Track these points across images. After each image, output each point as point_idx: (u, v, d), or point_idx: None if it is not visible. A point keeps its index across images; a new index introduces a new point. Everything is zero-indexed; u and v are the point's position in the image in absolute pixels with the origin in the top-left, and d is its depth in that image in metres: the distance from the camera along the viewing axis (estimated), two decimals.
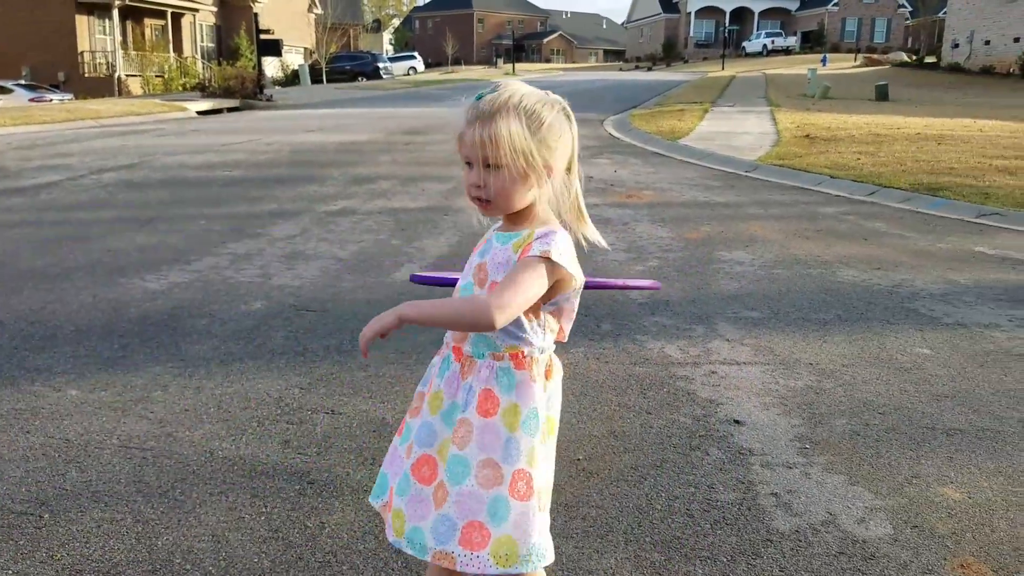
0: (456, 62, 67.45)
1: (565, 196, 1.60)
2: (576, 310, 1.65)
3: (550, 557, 1.59)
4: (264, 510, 2.44)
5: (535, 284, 1.49)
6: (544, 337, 1.61)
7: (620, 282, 2.18)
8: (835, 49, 56.87)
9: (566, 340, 1.70)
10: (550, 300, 1.57)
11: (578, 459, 2.78)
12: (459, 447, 1.56)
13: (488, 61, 71.77)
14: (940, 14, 44.14)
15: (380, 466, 2.74)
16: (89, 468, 2.69)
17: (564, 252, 1.51)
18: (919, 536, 2.35)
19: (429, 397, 1.65)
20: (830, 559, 2.24)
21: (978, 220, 7.09)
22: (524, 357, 1.58)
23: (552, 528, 2.33)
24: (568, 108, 1.58)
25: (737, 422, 3.07)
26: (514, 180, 1.51)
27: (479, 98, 1.53)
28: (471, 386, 1.58)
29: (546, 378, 1.63)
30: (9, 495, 2.51)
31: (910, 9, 59.27)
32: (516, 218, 1.60)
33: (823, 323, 4.26)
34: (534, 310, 1.56)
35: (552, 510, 2.42)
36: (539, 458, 1.59)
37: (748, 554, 2.26)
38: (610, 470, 2.71)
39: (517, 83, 1.56)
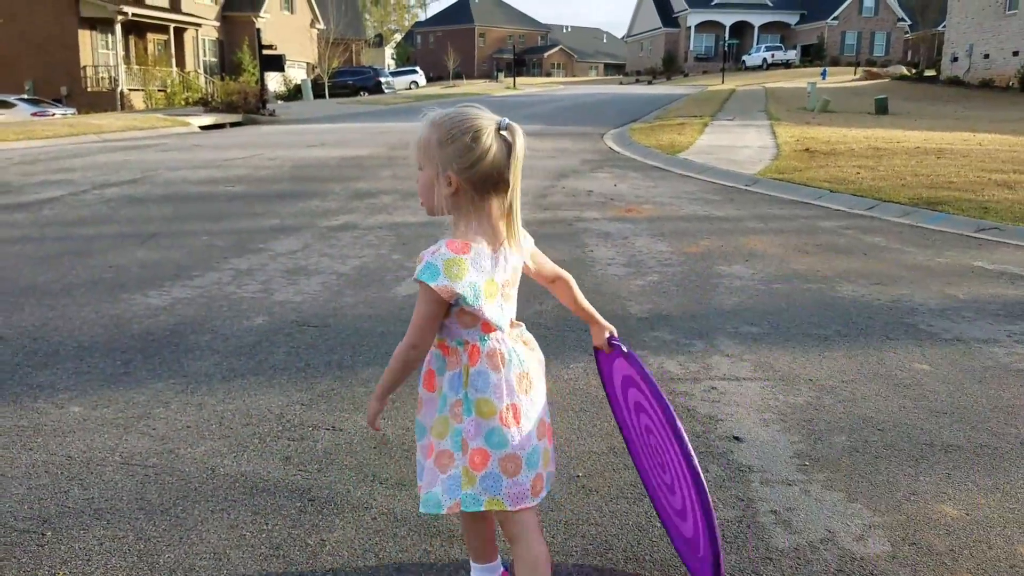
0: (457, 76, 67.71)
1: (489, 208, 1.79)
2: (483, 309, 1.79)
3: (438, 508, 1.85)
4: (265, 527, 2.45)
5: (425, 311, 1.78)
6: (461, 332, 1.83)
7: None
8: (835, 63, 57.12)
9: (497, 330, 1.85)
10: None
11: (577, 476, 2.79)
12: (418, 414, 1.95)
13: (489, 75, 72.08)
14: (939, 28, 44.33)
15: (381, 483, 2.77)
16: (91, 485, 2.70)
17: (434, 267, 1.74)
18: (917, 553, 2.35)
19: None
20: None
21: (977, 235, 7.11)
22: (447, 347, 1.85)
23: (551, 545, 2.36)
24: (515, 132, 1.79)
25: (737, 439, 3.08)
26: (427, 181, 1.79)
27: None
28: (423, 366, 1.91)
29: (470, 363, 1.83)
30: (11, 512, 2.53)
31: (909, 23, 59.51)
32: (454, 223, 1.82)
33: (823, 338, 4.28)
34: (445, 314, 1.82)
35: (551, 527, 2.45)
36: (447, 430, 1.85)
37: (748, 572, 2.27)
38: (609, 487, 2.72)
39: (471, 106, 1.80)
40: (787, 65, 59.30)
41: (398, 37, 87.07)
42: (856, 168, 10.77)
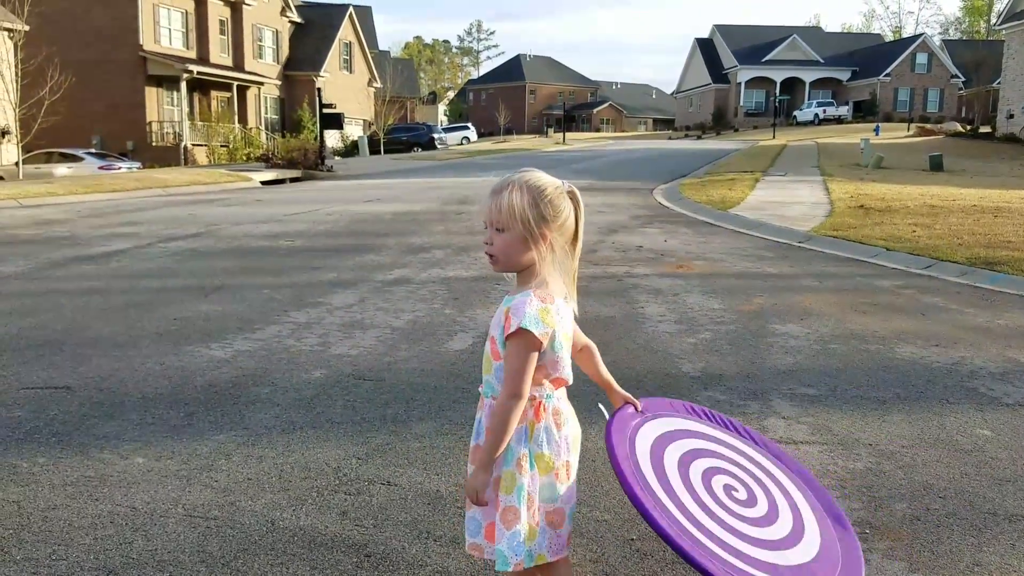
0: (508, 132, 68.76)
1: (565, 263, 1.95)
2: (562, 357, 1.95)
3: (506, 565, 1.92)
4: None
5: (524, 362, 1.86)
6: (530, 389, 1.91)
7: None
8: (887, 119, 56.71)
9: (569, 383, 2.01)
10: None
11: (632, 539, 2.78)
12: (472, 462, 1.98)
13: (539, 130, 73.04)
14: (994, 84, 43.83)
15: (435, 540, 2.79)
16: (155, 537, 2.77)
17: (533, 316, 1.85)
18: None
19: None
20: None
21: None
22: None
23: None
24: (577, 194, 1.96)
25: None
26: (513, 242, 1.88)
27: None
28: (480, 419, 1.99)
29: (535, 419, 1.94)
30: (79, 563, 2.60)
31: (963, 79, 58.98)
32: (522, 278, 1.95)
33: (882, 402, 4.21)
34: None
35: None
36: (514, 484, 1.91)
37: None
38: (665, 551, 2.70)
39: (534, 170, 1.95)
40: (839, 121, 59.03)
41: (451, 94, 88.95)
42: (912, 226, 10.64)
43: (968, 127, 41.81)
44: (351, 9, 47.49)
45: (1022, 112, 33.73)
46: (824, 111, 60.88)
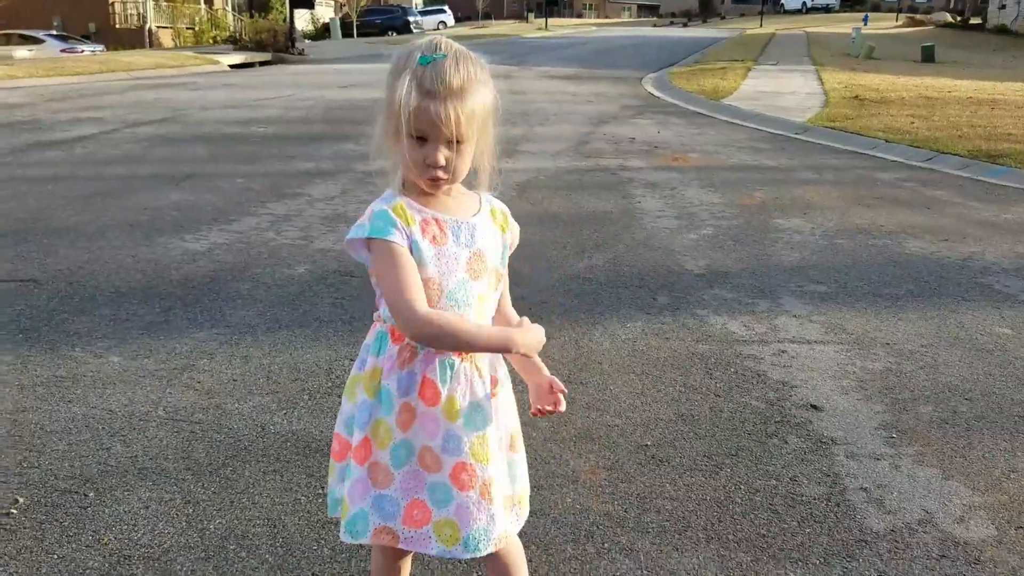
0: (487, 16, 66.42)
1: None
2: None
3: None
4: (321, 491, 2.31)
5: None
6: None
7: None
8: (875, 8, 55.37)
9: None
10: None
11: (646, 444, 2.61)
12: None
13: (520, 15, 70.57)
14: None
15: None
16: (134, 442, 2.56)
17: None
18: None
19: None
20: (932, 562, 2.07)
21: None
22: None
23: (625, 521, 2.19)
24: None
25: (815, 407, 2.88)
26: (471, 151, 1.40)
27: (427, 61, 1.36)
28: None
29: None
30: (52, 471, 2.40)
31: None
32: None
33: (895, 299, 4.03)
34: None
35: (623, 500, 2.28)
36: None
37: (842, 556, 2.09)
38: (682, 458, 2.54)
39: (450, 40, 1.40)
40: (827, 10, 57.65)
41: None
42: (909, 117, 10.33)
43: (958, 18, 40.84)
44: None
45: (1015, 2, 32.91)
46: (812, 0, 59.30)
